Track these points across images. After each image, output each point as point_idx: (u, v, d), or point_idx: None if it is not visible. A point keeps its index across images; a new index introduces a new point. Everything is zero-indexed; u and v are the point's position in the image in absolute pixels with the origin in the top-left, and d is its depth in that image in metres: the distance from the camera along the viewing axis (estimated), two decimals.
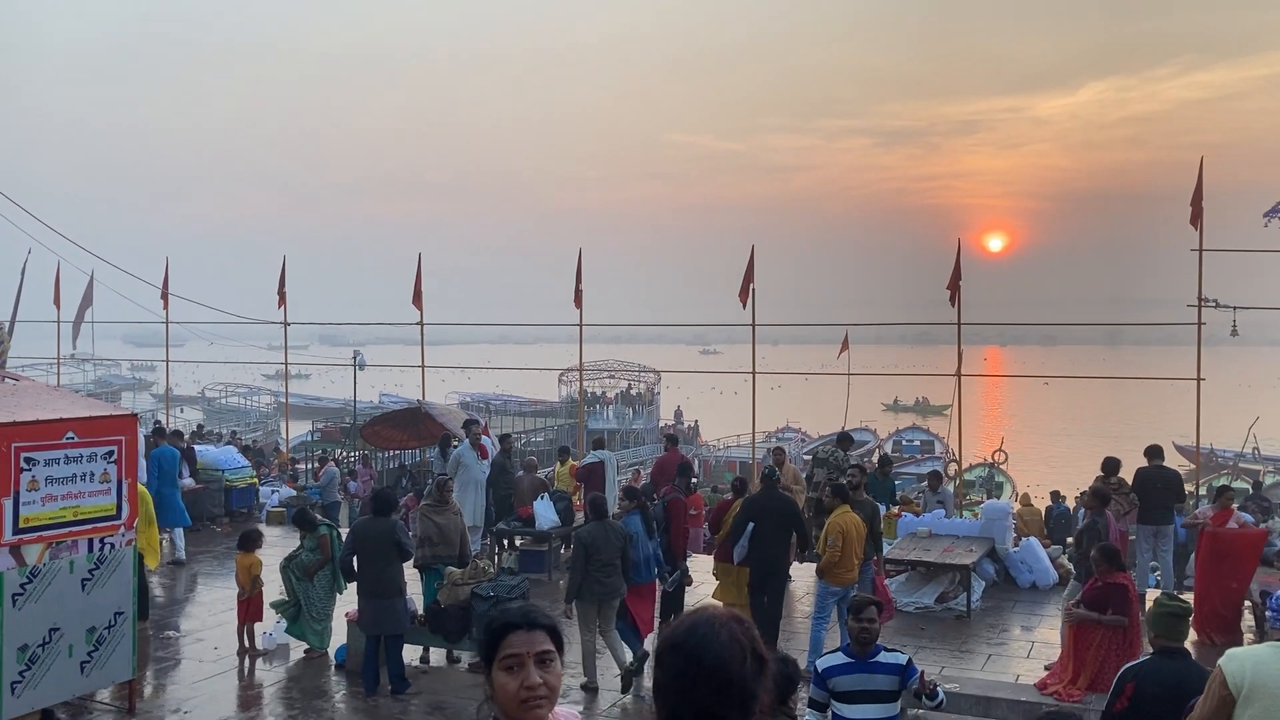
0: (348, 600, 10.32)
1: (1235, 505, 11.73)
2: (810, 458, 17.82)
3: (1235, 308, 15.94)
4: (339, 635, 10.25)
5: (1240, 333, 16.15)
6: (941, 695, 5.81)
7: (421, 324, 22.03)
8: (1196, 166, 15.90)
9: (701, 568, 13.72)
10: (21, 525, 7.37)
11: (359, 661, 9.44)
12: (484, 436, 16.93)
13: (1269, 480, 25.91)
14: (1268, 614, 9.06)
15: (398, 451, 23.40)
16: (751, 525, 10.42)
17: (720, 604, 7.71)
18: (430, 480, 16.04)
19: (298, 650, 10.42)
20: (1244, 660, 4.04)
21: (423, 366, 22.38)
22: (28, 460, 7.40)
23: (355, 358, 28.78)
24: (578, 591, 9.28)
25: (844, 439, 14.83)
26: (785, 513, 10.43)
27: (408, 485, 19.05)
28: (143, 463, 13.00)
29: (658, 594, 10.57)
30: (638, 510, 10.12)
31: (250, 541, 10.74)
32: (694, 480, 13.59)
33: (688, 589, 11.91)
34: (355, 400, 32.32)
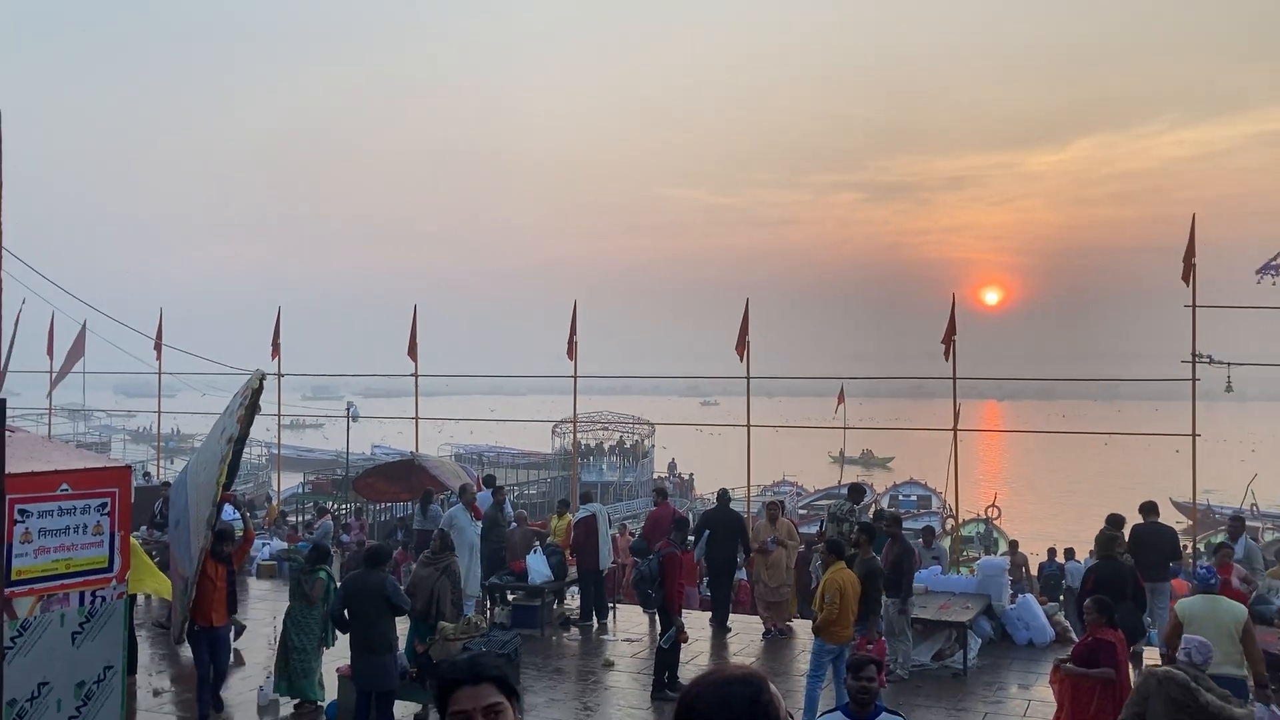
0: (338, 655, 10.29)
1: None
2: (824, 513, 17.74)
3: (1229, 364, 16.06)
4: (330, 691, 10.21)
5: (1236, 389, 16.26)
6: None
7: (416, 375, 22.10)
8: (1187, 223, 16.13)
9: (696, 624, 13.70)
10: (14, 578, 7.37)
11: (348, 716, 9.38)
12: (481, 491, 16.89)
13: (1268, 537, 25.90)
14: (1194, 580, 9.21)
15: (390, 504, 23.35)
16: (708, 532, 13.69)
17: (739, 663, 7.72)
18: (402, 533, 15.97)
19: (287, 706, 10.36)
20: (1187, 604, 8.33)
21: (416, 418, 22.40)
22: (21, 512, 7.42)
23: (348, 409, 28.79)
24: None
25: (855, 491, 14.77)
26: (733, 523, 13.94)
27: (401, 539, 18.98)
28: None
29: None
30: None
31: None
32: (690, 535, 13.54)
33: (685, 645, 11.84)
34: (348, 452, 32.24)
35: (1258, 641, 8.16)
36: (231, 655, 10.87)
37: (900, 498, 36.51)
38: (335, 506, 25.65)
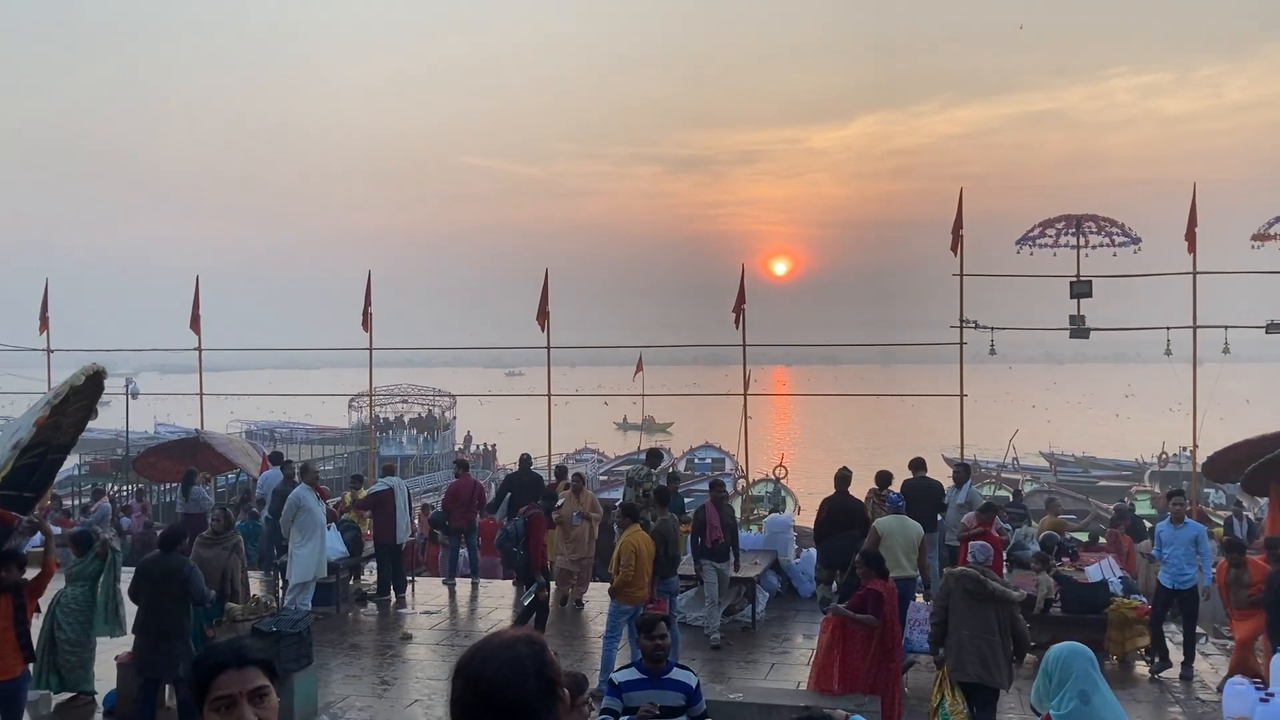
0: (117, 644, 9.76)
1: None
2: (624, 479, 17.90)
3: (993, 328, 17.17)
4: (109, 681, 9.64)
5: (998, 351, 17.41)
6: None
7: (199, 349, 21.01)
8: (956, 197, 17.08)
9: (497, 592, 13.68)
10: None
11: (131, 706, 8.91)
12: (269, 468, 16.26)
13: (1028, 489, 27.91)
14: (886, 503, 11.45)
15: (175, 485, 22.22)
16: (509, 495, 14.26)
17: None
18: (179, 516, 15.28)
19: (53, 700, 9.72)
20: (883, 522, 10.55)
21: (200, 394, 21.33)
22: None
23: (127, 386, 27.14)
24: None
25: (653, 455, 15.09)
26: (535, 485, 14.23)
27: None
28: None
29: None
30: None
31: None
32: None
33: (485, 613, 11.86)
34: (128, 431, 30.43)
35: (928, 554, 11.02)
36: (24, 713, 8.47)
37: (696, 460, 37.42)
38: (114, 488, 24.21)
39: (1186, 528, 10.69)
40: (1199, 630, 11.08)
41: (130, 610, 9.96)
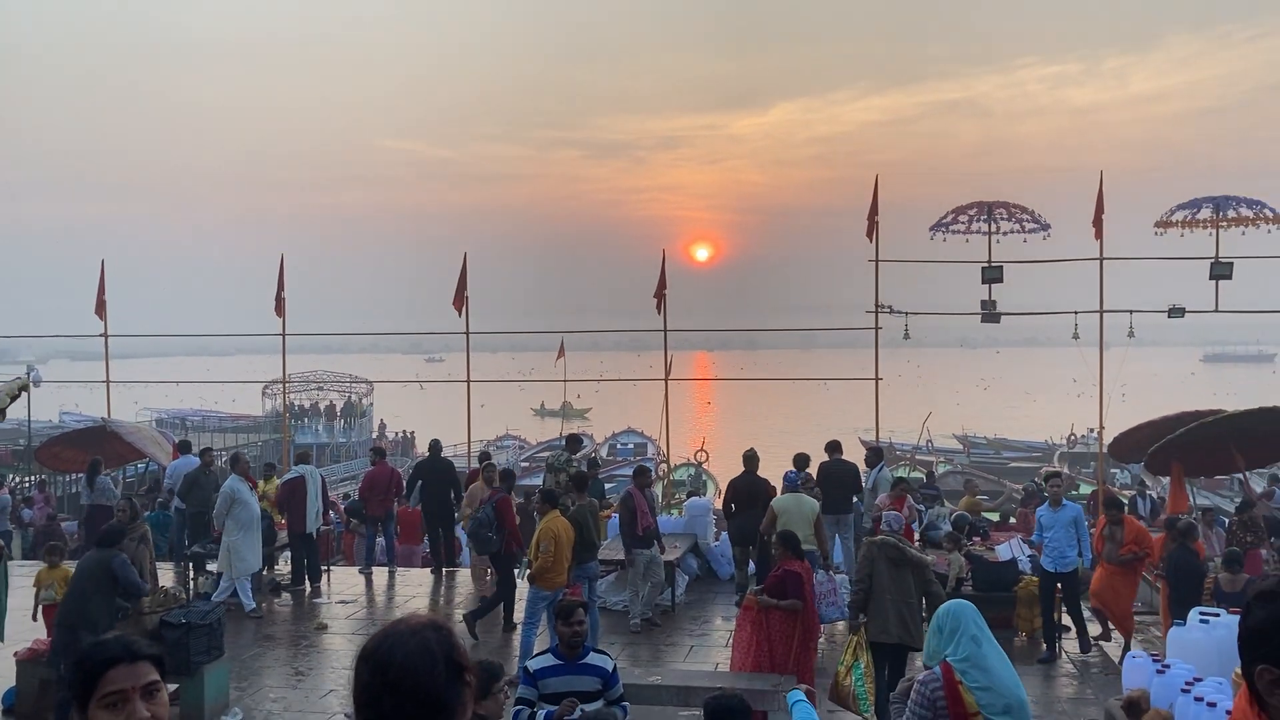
0: (18, 640, 9.47)
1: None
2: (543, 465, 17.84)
3: (907, 313, 17.43)
4: (8, 678, 9.33)
5: (912, 335, 17.69)
6: None
7: (105, 335, 20.39)
8: (872, 184, 17.28)
9: (416, 581, 13.53)
10: None
11: (33, 703, 8.64)
12: (179, 457, 15.90)
13: (941, 470, 28.50)
14: (784, 481, 12.47)
15: (79, 475, 21.59)
16: (420, 482, 14.30)
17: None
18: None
19: None
20: (780, 500, 11.10)
21: (107, 381, 20.70)
22: None
23: (29, 374, 26.26)
24: None
25: (573, 441, 15.13)
26: (445, 471, 14.45)
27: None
28: None
29: None
30: None
31: None
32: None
33: (403, 601, 11.75)
34: (30, 420, 29.48)
35: (843, 534, 12.02)
36: None
37: (618, 446, 37.46)
38: (15, 479, 23.43)
39: (1065, 510, 10.77)
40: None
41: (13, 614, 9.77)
